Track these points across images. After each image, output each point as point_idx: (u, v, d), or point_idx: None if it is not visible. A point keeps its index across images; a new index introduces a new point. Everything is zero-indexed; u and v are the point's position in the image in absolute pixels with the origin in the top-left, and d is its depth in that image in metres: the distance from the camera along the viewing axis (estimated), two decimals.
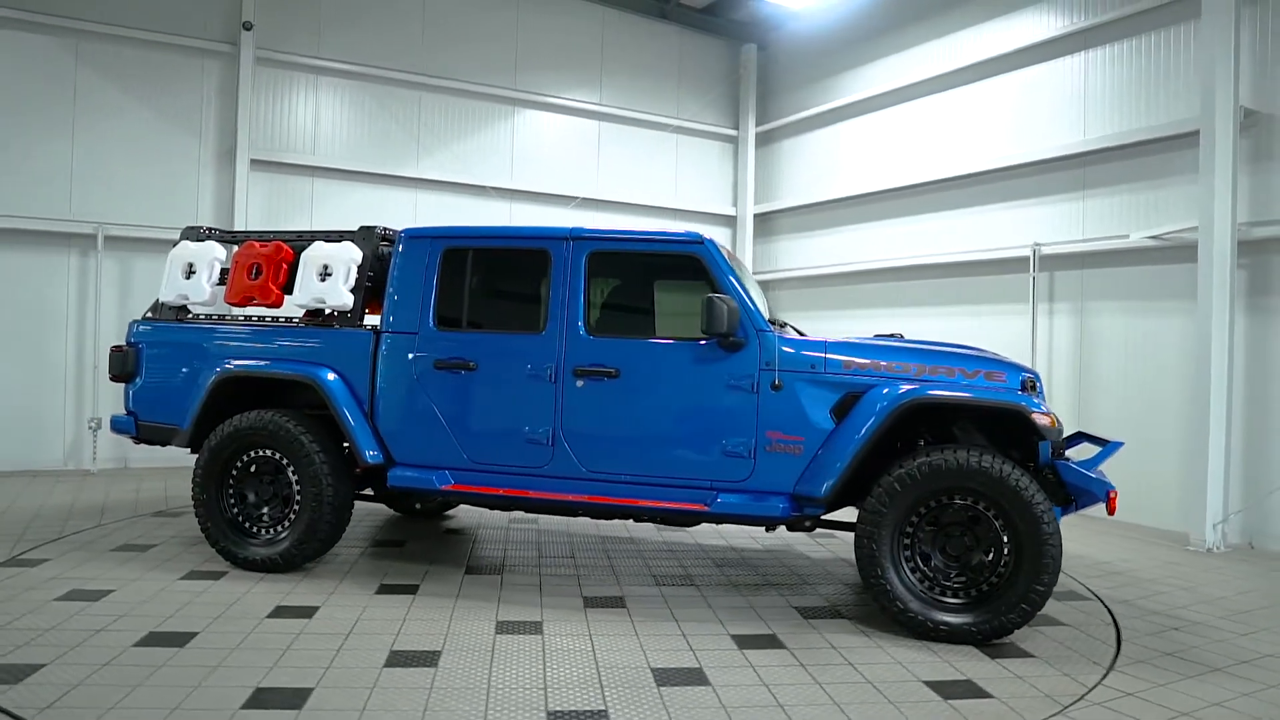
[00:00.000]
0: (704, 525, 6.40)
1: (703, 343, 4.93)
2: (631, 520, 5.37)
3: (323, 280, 5.59)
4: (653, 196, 12.44)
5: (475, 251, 5.43)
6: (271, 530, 5.47)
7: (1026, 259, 8.77)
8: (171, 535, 6.37)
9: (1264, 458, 7.00)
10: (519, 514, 7.48)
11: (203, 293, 5.87)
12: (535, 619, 4.72)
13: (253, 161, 9.65)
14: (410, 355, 5.35)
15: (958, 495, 4.56)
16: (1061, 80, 8.64)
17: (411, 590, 5.19)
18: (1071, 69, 8.54)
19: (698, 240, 5.13)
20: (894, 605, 4.57)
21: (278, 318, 5.85)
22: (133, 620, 4.44)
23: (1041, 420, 4.51)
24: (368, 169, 10.44)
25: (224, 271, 6.02)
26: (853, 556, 6.40)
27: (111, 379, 5.98)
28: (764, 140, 12.93)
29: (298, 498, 5.40)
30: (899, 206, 10.53)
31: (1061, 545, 4.40)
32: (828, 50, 11.75)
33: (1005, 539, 4.48)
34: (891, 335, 5.68)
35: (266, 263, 5.74)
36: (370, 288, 5.72)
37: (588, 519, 6.19)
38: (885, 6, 10.78)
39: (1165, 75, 7.76)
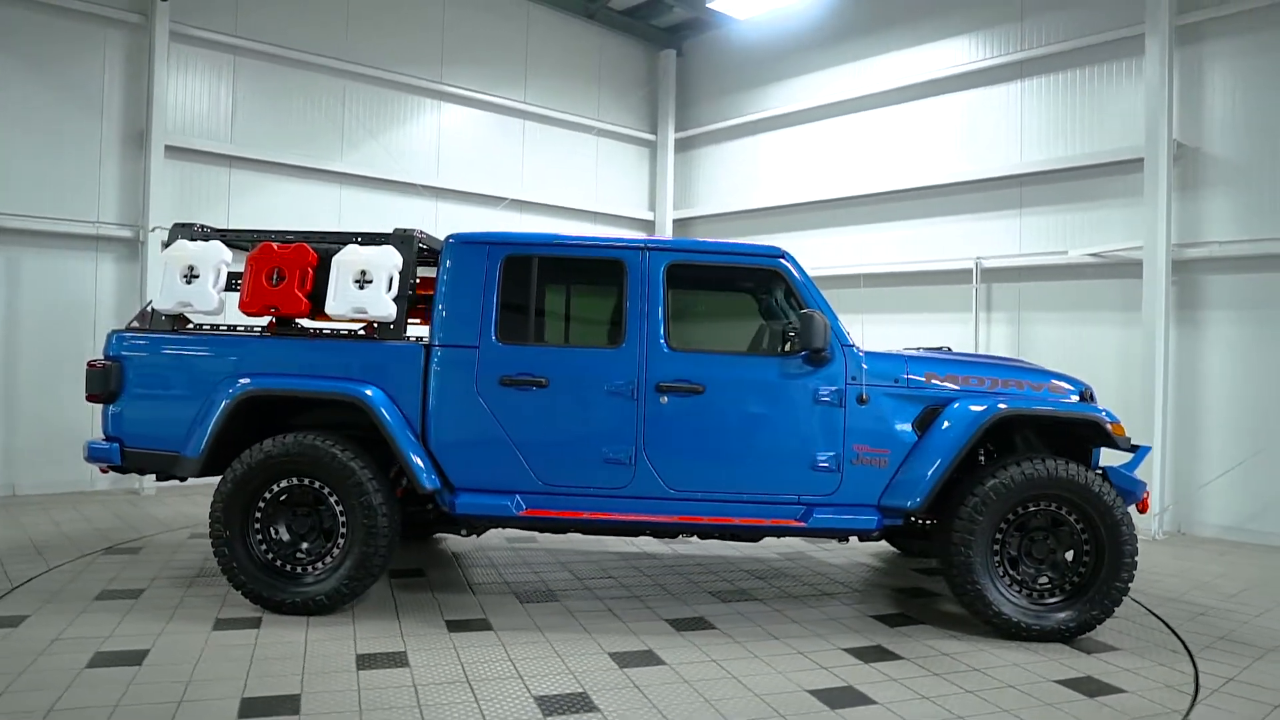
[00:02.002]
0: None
1: (800, 356, 4.91)
2: (696, 536, 5.26)
3: (361, 288, 5.06)
4: (574, 199, 12.22)
5: (541, 260, 5.11)
6: (312, 568, 4.89)
7: (968, 271, 9.39)
8: (151, 576, 5.54)
9: (1190, 454, 7.89)
10: (516, 533, 7.13)
11: (210, 300, 5.14)
12: (642, 648, 4.51)
13: (166, 148, 8.55)
14: (471, 371, 4.95)
15: (1041, 501, 4.82)
16: (998, 105, 9.32)
17: (485, 626, 4.80)
18: (1008, 95, 9.23)
19: (779, 254, 5.09)
20: (988, 610, 4.75)
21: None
22: (206, 686, 3.82)
23: (1114, 430, 4.86)
24: (290, 161, 9.54)
25: (231, 276, 5.32)
26: (869, 560, 6.63)
27: (88, 399, 5.12)
28: (683, 146, 13.04)
29: (343, 530, 4.87)
30: (830, 217, 10.95)
31: (1137, 544, 4.76)
32: (750, 62, 12.02)
33: (1085, 541, 4.79)
34: (939, 348, 5.91)
35: (289, 267, 5.11)
36: (410, 296, 5.25)
37: (580, 534, 5.77)
38: (811, 24, 11.15)
39: (1096, 106, 8.57)
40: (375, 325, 5.15)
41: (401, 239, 5.27)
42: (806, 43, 11.26)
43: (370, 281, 5.06)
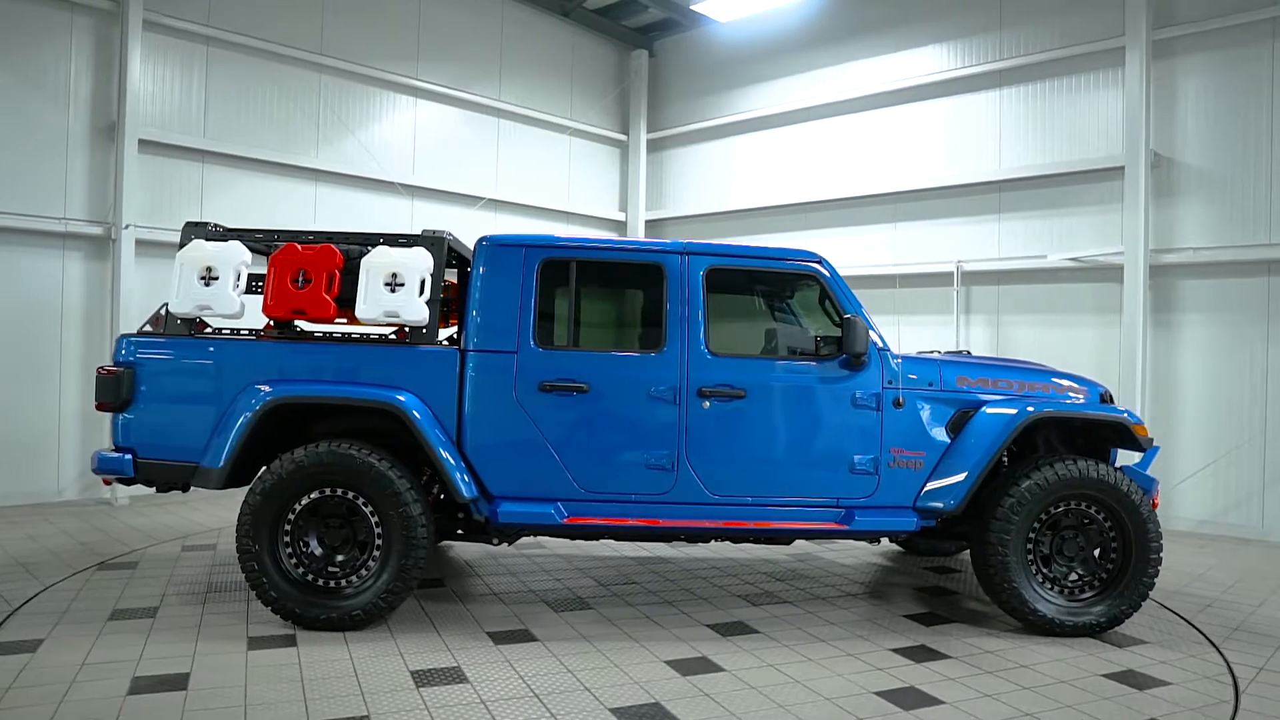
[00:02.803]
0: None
1: (838, 360, 4.95)
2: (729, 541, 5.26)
3: (393, 291, 4.90)
4: (547, 198, 12.10)
5: (579, 264, 5.03)
6: (347, 582, 4.71)
7: (948, 274, 9.62)
8: (159, 593, 5.26)
9: (1166, 451, 8.22)
10: (525, 538, 7.00)
11: (231, 303, 4.89)
12: (695, 655, 4.48)
13: (140, 142, 8.14)
14: (510, 376, 4.85)
15: (1070, 501, 4.96)
16: (978, 112, 9.57)
17: (529, 637, 4.71)
18: (987, 103, 9.49)
19: (816, 258, 5.13)
20: (1024, 607, 4.87)
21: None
22: (267, 710, 3.64)
23: (1137, 430, 5.04)
24: (264, 157, 9.18)
25: (252, 278, 5.09)
26: (878, 560, 6.73)
27: (98, 407, 4.84)
28: (654, 147, 13.02)
29: (379, 542, 4.70)
30: (807, 220, 11.08)
31: (1162, 539, 4.94)
32: (724, 64, 12.08)
33: (1113, 538, 4.95)
34: (958, 352, 6.03)
35: (314, 268, 4.91)
36: (442, 300, 5.11)
37: (588, 539, 5.73)
38: (787, 29, 11.27)
39: (1072, 115, 8.87)
40: (407, 330, 5.00)
41: (432, 241, 5.12)
42: (783, 46, 11.37)
43: (402, 284, 4.90)
